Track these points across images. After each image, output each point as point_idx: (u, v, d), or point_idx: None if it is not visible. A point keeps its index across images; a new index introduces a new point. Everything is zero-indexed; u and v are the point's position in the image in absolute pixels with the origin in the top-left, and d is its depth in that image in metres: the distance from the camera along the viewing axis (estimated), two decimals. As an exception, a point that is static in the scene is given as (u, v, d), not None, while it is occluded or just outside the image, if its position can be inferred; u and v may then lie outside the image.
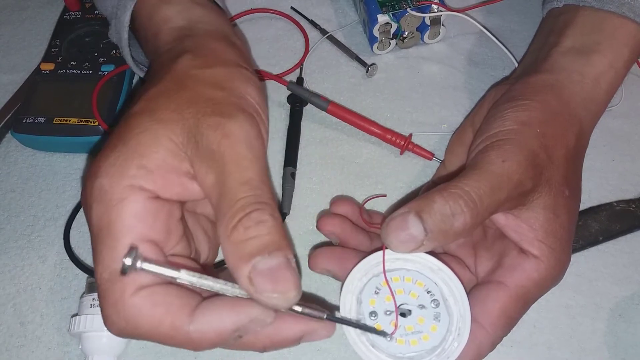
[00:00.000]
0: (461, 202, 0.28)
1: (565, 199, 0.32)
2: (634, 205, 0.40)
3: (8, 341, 0.36)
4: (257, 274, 0.24)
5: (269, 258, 0.24)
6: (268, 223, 0.25)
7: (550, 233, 0.31)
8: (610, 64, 0.36)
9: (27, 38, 0.50)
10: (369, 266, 0.30)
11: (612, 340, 0.36)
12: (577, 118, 0.34)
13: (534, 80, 0.36)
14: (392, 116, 0.45)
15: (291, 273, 0.25)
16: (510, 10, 0.51)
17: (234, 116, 0.28)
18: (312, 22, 0.50)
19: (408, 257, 0.29)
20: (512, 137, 0.32)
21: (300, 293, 0.25)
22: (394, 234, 0.28)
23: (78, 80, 0.44)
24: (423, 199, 0.28)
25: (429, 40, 0.49)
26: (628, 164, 0.43)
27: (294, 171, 0.42)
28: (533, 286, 0.30)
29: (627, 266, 0.38)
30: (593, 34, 0.37)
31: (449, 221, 0.28)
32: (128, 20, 0.38)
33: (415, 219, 0.27)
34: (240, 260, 0.25)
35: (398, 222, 0.28)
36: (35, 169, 0.43)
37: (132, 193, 0.26)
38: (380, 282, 0.30)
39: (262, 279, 0.24)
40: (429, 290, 0.30)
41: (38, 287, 0.38)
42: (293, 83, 0.45)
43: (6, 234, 0.40)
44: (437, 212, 0.28)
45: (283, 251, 0.25)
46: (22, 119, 0.42)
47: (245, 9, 0.51)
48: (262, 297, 0.24)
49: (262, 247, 0.25)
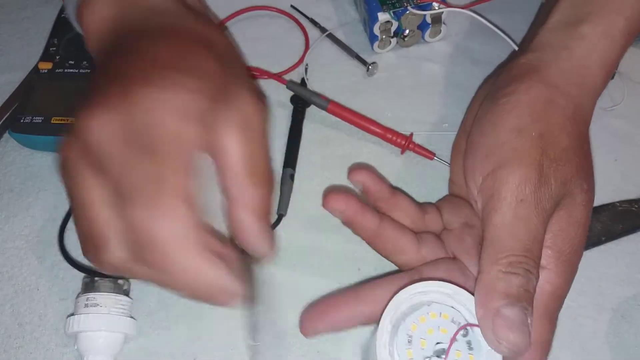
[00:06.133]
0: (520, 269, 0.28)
1: (583, 193, 0.31)
2: (637, 205, 0.39)
3: (6, 342, 0.36)
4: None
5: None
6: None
7: (560, 234, 0.30)
8: (603, 33, 0.34)
9: (25, 37, 0.50)
10: (392, 313, 0.29)
11: (614, 340, 0.36)
12: (568, 98, 0.32)
13: (517, 66, 0.34)
14: (393, 115, 0.45)
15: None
16: (511, 8, 0.50)
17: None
18: (312, 21, 0.50)
19: (422, 289, 0.29)
20: (513, 161, 0.30)
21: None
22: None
23: (76, 80, 0.44)
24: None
25: (430, 38, 0.48)
26: (630, 164, 0.42)
27: (292, 172, 0.41)
28: (551, 300, 0.30)
29: (629, 266, 0.38)
30: (584, 6, 0.35)
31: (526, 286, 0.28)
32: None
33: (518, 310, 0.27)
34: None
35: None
36: (33, 169, 0.43)
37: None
38: (410, 327, 0.29)
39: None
40: (454, 320, 0.29)
41: (36, 288, 0.38)
42: (292, 82, 0.44)
43: (4, 235, 0.40)
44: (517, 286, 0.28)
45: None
46: (20, 118, 0.42)
47: (245, 6, 0.50)
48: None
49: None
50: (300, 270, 0.38)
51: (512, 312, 0.27)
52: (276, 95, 0.46)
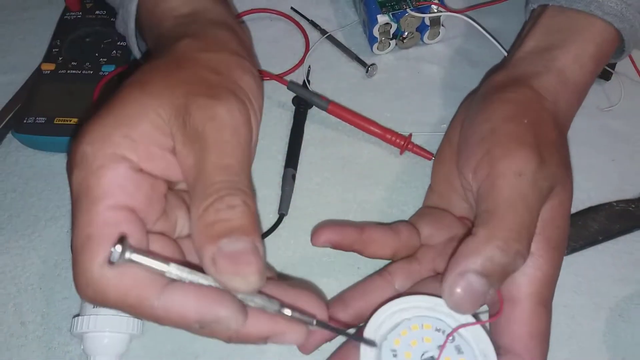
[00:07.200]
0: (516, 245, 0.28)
1: (571, 183, 0.31)
2: (634, 205, 0.40)
3: (9, 341, 0.36)
4: (221, 255, 0.24)
5: (236, 241, 0.24)
6: (239, 208, 0.25)
7: (549, 222, 0.30)
8: (574, 59, 0.36)
9: (28, 38, 0.50)
10: (374, 333, 0.29)
11: (611, 340, 0.36)
12: (549, 102, 0.34)
13: (498, 79, 0.36)
14: (392, 116, 0.45)
15: (255, 258, 0.24)
16: (510, 11, 0.51)
17: (224, 100, 0.28)
18: (312, 23, 0.50)
19: (402, 306, 0.29)
20: (510, 141, 0.31)
21: (264, 280, 0.25)
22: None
23: (79, 81, 0.44)
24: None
25: (428, 40, 0.49)
26: (628, 164, 0.43)
27: (294, 173, 0.42)
28: (544, 287, 0.30)
29: (626, 266, 0.38)
30: (558, 33, 0.37)
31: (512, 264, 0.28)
32: (135, 10, 0.38)
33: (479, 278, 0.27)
34: (206, 240, 0.24)
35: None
36: (36, 169, 0.43)
37: (114, 161, 0.26)
38: (393, 342, 0.29)
39: (225, 261, 0.24)
40: (438, 328, 0.29)
41: (39, 287, 0.38)
42: (293, 83, 0.45)
43: (7, 234, 0.40)
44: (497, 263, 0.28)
45: (250, 237, 0.25)
46: (23, 119, 0.42)
47: (245, 9, 0.51)
48: (222, 278, 0.24)
49: (229, 230, 0.24)
50: (300, 269, 0.38)
51: (477, 282, 0.27)
52: (277, 96, 0.46)
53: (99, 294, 0.25)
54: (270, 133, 0.44)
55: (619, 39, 0.38)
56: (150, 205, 0.27)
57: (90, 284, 0.25)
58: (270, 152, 0.43)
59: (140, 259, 0.24)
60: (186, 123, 0.27)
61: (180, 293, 0.25)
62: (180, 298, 0.25)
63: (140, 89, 0.28)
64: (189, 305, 0.25)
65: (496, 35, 0.47)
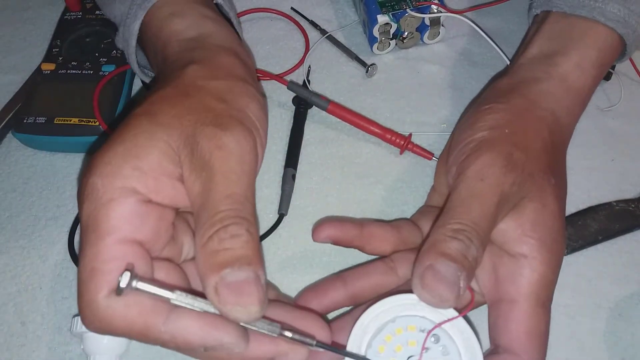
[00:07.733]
0: (473, 236, 0.28)
1: (552, 187, 0.32)
2: (633, 205, 0.40)
3: (9, 341, 0.36)
4: (223, 285, 0.25)
5: (238, 271, 0.25)
6: (243, 237, 0.26)
7: (539, 223, 0.30)
8: (576, 65, 0.36)
9: (28, 38, 0.51)
10: (359, 341, 0.29)
11: (611, 339, 0.36)
12: (547, 111, 0.34)
13: (499, 85, 0.37)
14: (392, 116, 0.45)
15: (257, 289, 0.25)
16: (510, 11, 0.51)
17: (230, 129, 0.29)
18: (312, 23, 0.50)
19: (384, 307, 0.29)
20: (483, 148, 0.32)
21: (265, 309, 0.25)
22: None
23: (79, 81, 0.44)
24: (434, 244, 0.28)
25: (428, 40, 0.49)
26: (627, 163, 0.43)
27: (294, 172, 0.42)
28: (540, 288, 0.30)
29: (626, 266, 0.38)
30: (560, 39, 0.38)
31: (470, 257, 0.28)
32: (137, 30, 0.38)
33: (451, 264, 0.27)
34: (209, 269, 0.25)
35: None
36: (36, 169, 0.43)
37: (123, 194, 0.26)
38: (377, 350, 0.29)
39: (227, 291, 0.25)
40: (423, 329, 0.29)
41: (39, 286, 0.38)
42: (293, 83, 0.45)
43: (7, 234, 0.40)
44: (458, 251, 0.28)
45: (253, 267, 0.25)
46: (23, 119, 0.42)
47: (245, 8, 0.51)
48: (224, 309, 0.25)
49: (233, 260, 0.25)
50: (300, 269, 0.38)
51: (444, 267, 0.27)
52: (277, 96, 0.46)
53: (105, 324, 0.26)
54: (270, 133, 0.43)
55: (621, 44, 0.38)
56: (157, 236, 0.28)
57: (96, 315, 0.26)
58: (270, 152, 0.43)
59: (146, 287, 0.25)
60: (194, 152, 0.28)
61: (185, 320, 0.26)
62: (185, 324, 0.26)
63: (149, 119, 0.29)
64: (194, 331, 0.26)
65: (496, 36, 0.47)
